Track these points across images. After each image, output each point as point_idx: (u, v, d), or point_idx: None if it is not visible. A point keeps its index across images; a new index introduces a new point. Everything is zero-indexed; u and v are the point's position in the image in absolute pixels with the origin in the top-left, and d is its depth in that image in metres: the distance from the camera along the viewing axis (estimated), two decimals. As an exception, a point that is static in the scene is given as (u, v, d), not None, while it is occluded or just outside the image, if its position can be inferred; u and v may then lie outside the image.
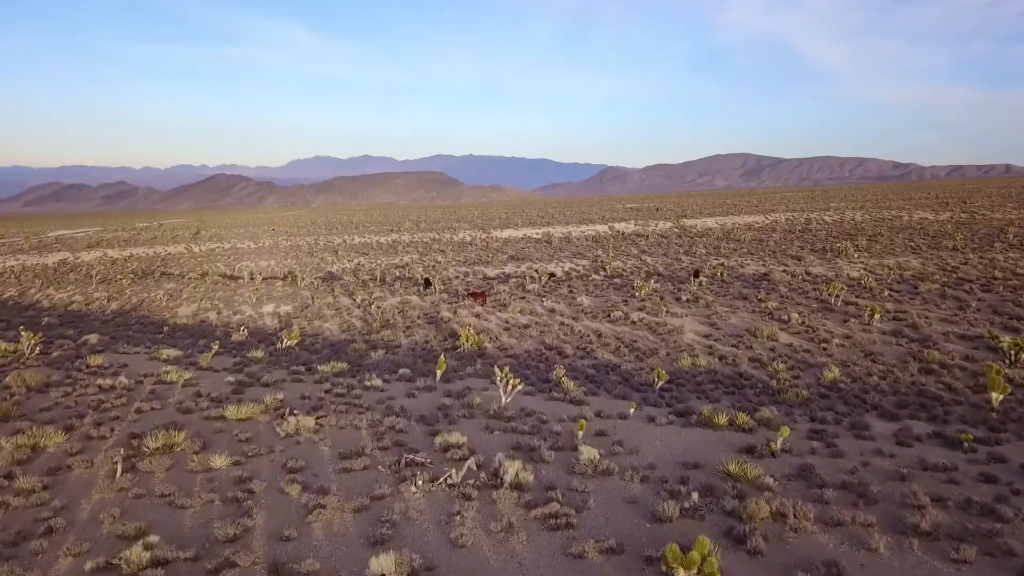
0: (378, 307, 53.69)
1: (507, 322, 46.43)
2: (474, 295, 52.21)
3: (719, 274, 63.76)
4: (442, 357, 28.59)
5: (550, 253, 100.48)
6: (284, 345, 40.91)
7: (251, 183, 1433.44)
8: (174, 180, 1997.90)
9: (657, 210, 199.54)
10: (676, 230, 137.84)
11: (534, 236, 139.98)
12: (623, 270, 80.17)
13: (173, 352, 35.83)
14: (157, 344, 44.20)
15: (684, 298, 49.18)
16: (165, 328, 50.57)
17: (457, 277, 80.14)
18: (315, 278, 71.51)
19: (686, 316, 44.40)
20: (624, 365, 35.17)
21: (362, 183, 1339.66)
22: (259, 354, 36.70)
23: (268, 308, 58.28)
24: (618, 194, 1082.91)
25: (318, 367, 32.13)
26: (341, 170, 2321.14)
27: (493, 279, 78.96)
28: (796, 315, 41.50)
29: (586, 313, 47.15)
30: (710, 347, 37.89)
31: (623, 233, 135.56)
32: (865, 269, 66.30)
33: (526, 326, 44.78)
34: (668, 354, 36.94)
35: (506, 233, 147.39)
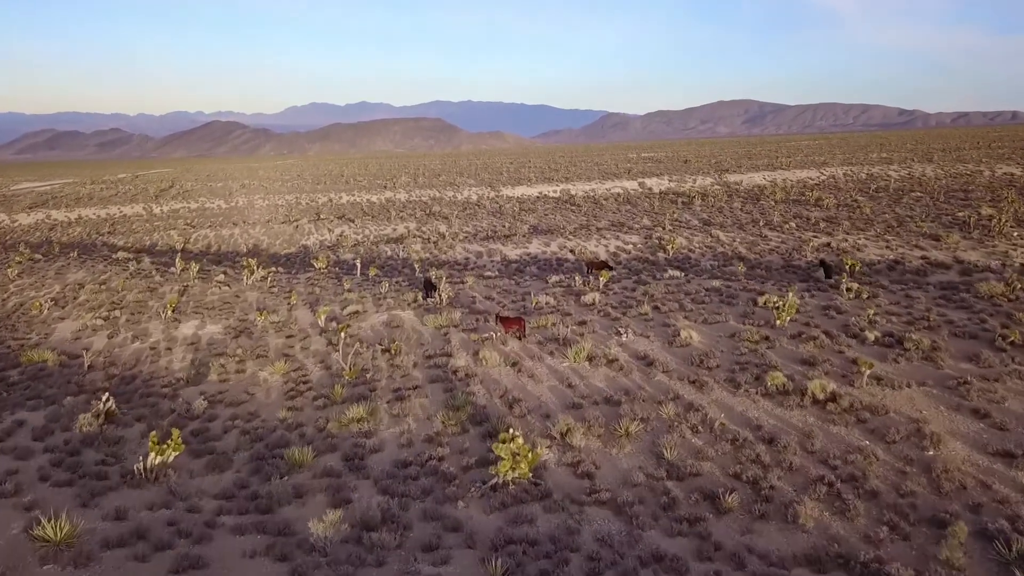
0: (350, 338, 33.48)
1: (570, 384, 26.28)
2: (506, 321, 31.94)
3: (851, 267, 43.63)
4: None
5: (582, 221, 79.91)
6: (152, 464, 20.73)
7: (247, 131, 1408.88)
8: (169, 127, 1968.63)
9: (686, 162, 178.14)
10: (720, 187, 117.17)
11: (552, 195, 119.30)
12: (691, 251, 59.88)
13: None
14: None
15: (869, 335, 28.79)
16: (-5, 381, 30.43)
17: (467, 263, 59.73)
18: (270, 272, 50.91)
19: (909, 387, 24.06)
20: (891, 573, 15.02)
21: (359, 130, 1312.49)
22: (57, 531, 16.38)
23: (187, 328, 38.12)
24: (620, 141, 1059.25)
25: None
26: (338, 117, 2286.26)
27: (516, 264, 58.72)
28: None
29: (709, 367, 26.90)
30: (1035, 494, 17.70)
31: (658, 192, 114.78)
32: (1042, 256, 46.41)
33: (611, 400, 24.61)
34: (950, 514, 16.85)
35: (519, 191, 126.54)
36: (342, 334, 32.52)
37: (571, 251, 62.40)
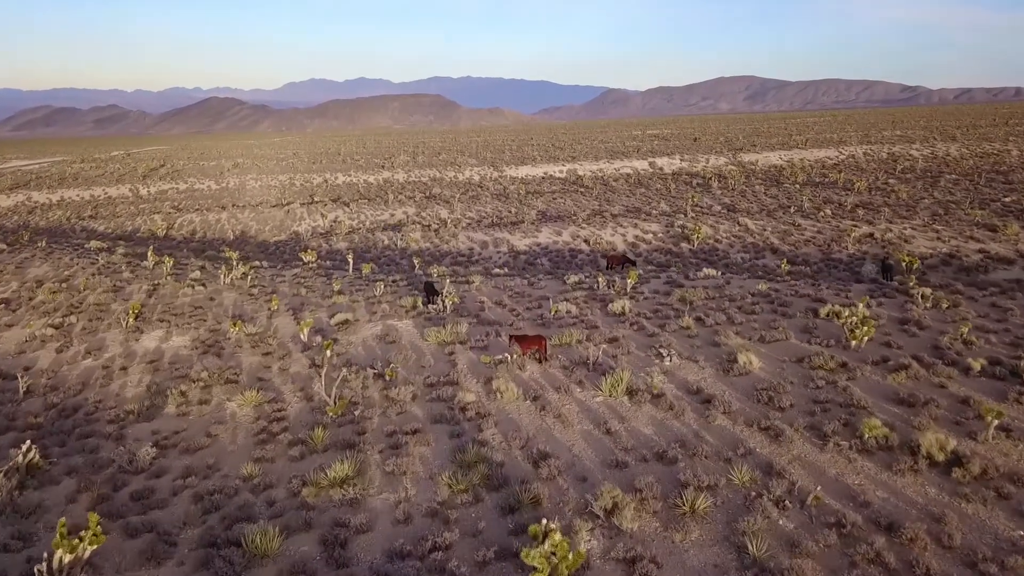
0: (337, 358, 28.23)
1: (609, 430, 21.01)
2: (523, 340, 26.48)
3: (908, 265, 38.54)
4: None
5: (594, 206, 74.45)
6: (61, 564, 15.40)
7: (245, 107, 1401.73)
8: (167, 103, 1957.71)
9: (695, 140, 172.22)
10: (735, 167, 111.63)
11: (558, 175, 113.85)
12: (717, 241, 54.59)
13: None
14: None
15: (973, 363, 23.31)
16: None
17: (472, 254, 54.47)
18: (252, 267, 45.47)
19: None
20: None
21: (358, 107, 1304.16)
22: None
23: (149, 340, 32.79)
24: (621, 117, 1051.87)
25: None
26: (337, 93, 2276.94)
27: (525, 256, 53.42)
28: None
29: (781, 407, 21.58)
30: None
31: (671, 172, 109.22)
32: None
33: (664, 456, 19.34)
34: None
35: (522, 171, 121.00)
36: (327, 352, 27.24)
37: (585, 241, 57.11)
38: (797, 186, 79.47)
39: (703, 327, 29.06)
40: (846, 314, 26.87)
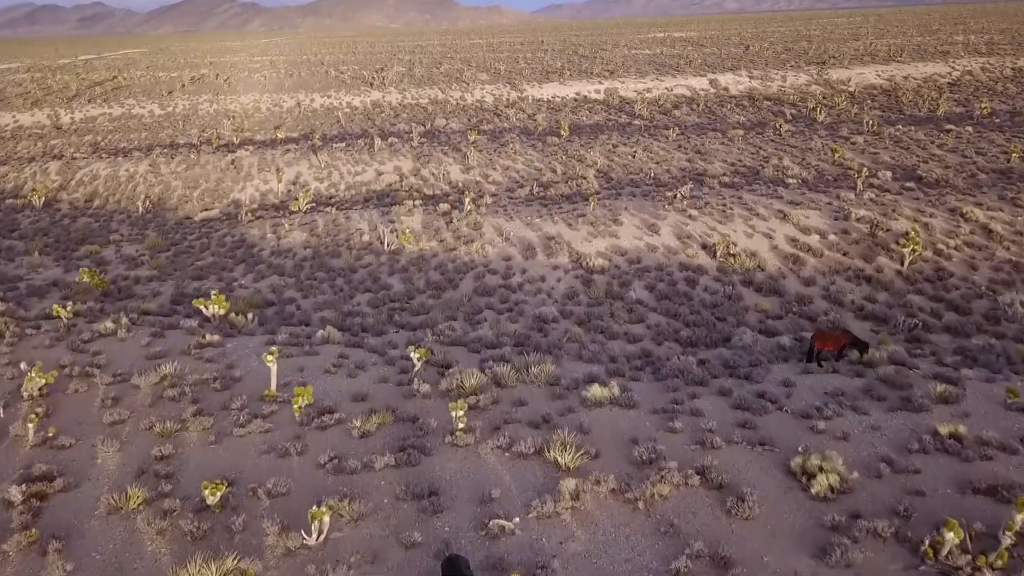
0: None
1: None
2: None
3: None
4: None
5: (682, 163, 50.28)
6: None
7: (234, 5, 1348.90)
8: (153, 0, 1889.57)
9: (747, 48, 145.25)
10: (822, 88, 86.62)
11: (595, 96, 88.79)
12: (940, 254, 30.85)
13: None
14: None
15: None
16: None
17: (510, 275, 30.25)
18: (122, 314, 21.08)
19: None
20: None
21: (351, 5, 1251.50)
22: None
23: None
24: (625, 16, 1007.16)
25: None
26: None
27: (606, 276, 29.86)
28: None
29: None
30: None
31: (741, 95, 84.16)
32: None
33: None
34: None
35: (548, 90, 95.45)
36: None
37: (704, 247, 33.33)
38: (968, 129, 55.01)
39: None
40: None
